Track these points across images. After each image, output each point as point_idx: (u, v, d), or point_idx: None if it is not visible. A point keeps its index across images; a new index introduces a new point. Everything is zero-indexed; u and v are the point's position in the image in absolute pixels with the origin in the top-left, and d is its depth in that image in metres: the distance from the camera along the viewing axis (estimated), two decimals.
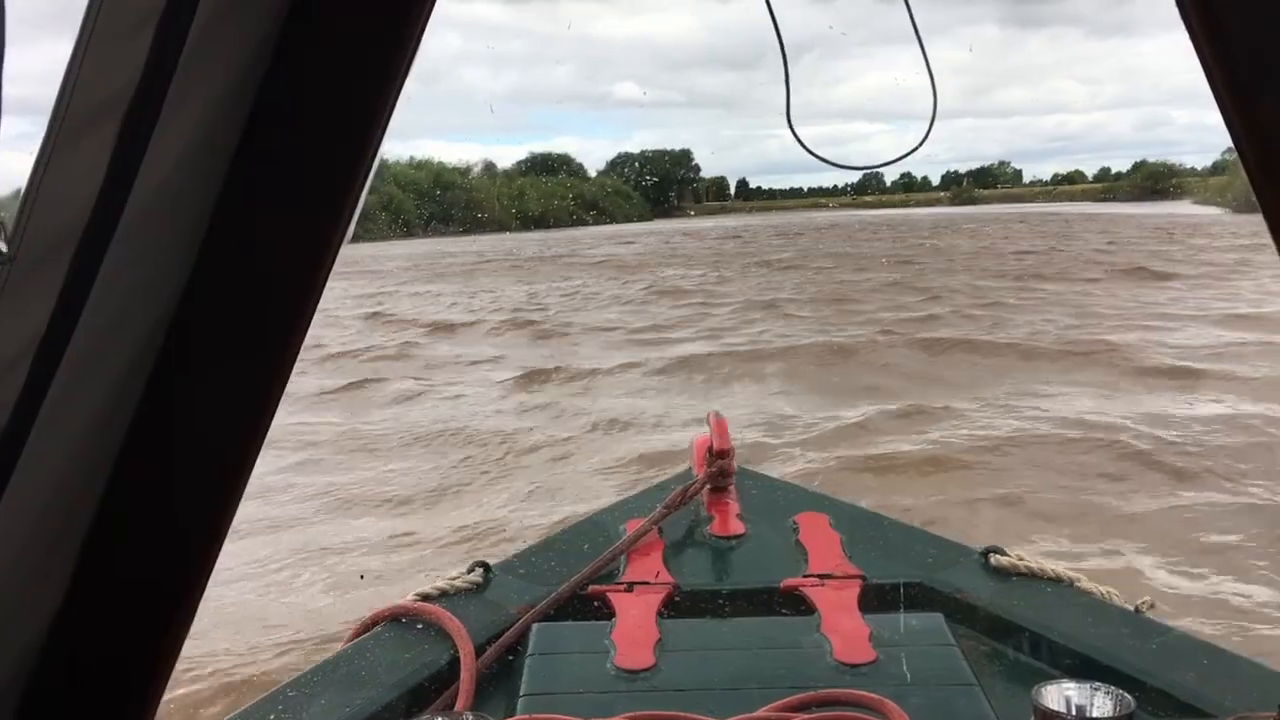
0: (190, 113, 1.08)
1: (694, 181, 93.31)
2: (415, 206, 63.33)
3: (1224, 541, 6.70)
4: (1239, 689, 2.09)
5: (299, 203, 1.20)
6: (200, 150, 1.12)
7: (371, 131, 1.20)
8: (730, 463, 3.13)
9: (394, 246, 51.55)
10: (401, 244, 53.30)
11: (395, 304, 25.59)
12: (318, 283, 1.22)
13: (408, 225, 60.11)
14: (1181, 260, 27.53)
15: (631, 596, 2.66)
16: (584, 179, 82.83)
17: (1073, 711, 1.43)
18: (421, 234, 61.06)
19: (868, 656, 2.30)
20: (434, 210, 65.04)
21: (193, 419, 1.23)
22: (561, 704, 2.13)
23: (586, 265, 37.06)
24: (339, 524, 8.01)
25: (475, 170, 76.86)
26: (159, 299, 1.18)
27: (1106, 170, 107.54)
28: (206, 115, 1.11)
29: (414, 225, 61.15)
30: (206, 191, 1.16)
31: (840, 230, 55.90)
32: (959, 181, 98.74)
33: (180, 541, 1.26)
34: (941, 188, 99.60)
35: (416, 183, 64.86)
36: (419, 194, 64.12)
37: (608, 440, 10.42)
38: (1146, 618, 2.47)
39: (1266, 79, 1.17)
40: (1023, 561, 2.71)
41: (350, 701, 2.24)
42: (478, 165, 79.39)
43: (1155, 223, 48.71)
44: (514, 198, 70.87)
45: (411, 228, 60.45)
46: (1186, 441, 8.96)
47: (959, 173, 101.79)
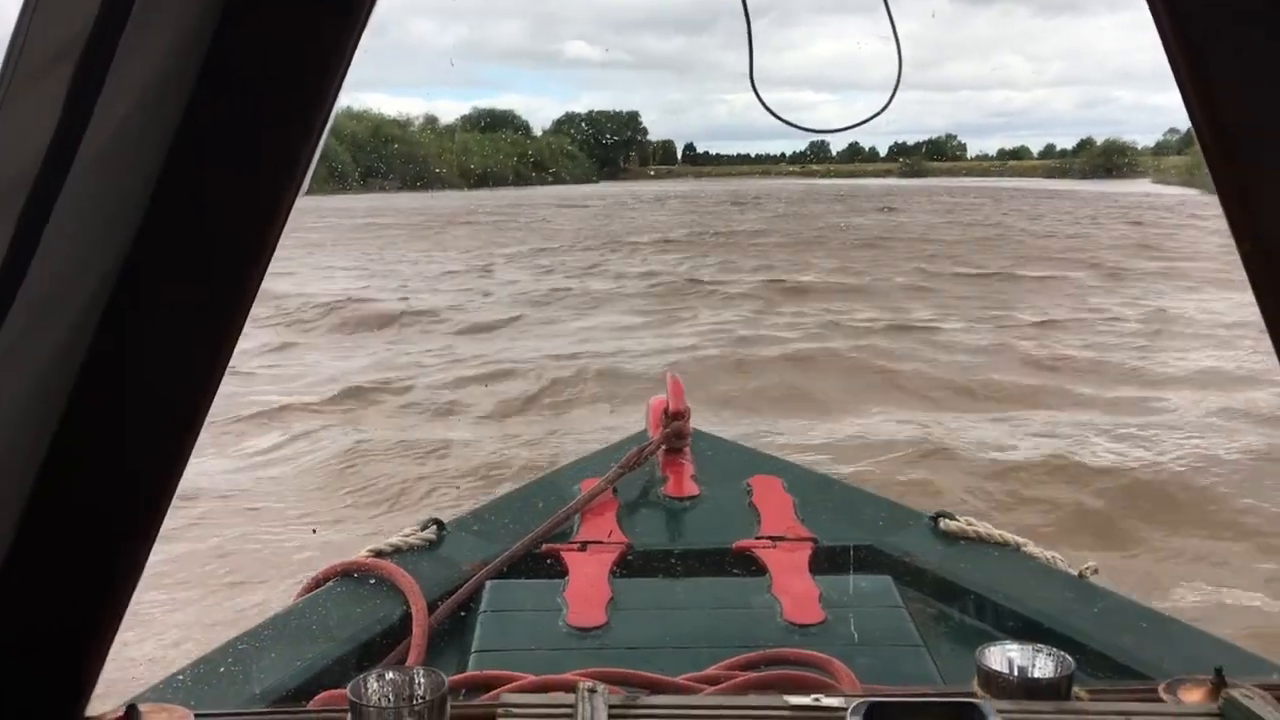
0: (144, 60, 1.06)
1: (642, 144, 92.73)
2: (352, 159, 61.46)
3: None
4: (1177, 652, 2.15)
5: (253, 152, 1.19)
6: (154, 98, 1.10)
7: (327, 83, 1.18)
8: (686, 424, 3.15)
9: (327, 200, 48.61)
10: (337, 199, 49.56)
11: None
12: (272, 232, 1.21)
13: (343, 178, 58.32)
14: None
15: (585, 555, 2.67)
16: (530, 137, 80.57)
17: (1015, 672, 1.46)
18: (359, 188, 59.49)
19: (817, 617, 2.34)
20: (372, 164, 63.21)
21: (144, 364, 1.22)
22: (512, 660, 2.13)
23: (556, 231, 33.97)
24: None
25: (417, 124, 75.15)
26: (112, 245, 1.16)
27: (1052, 147, 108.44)
28: (161, 63, 1.09)
29: (350, 179, 59.30)
30: (160, 139, 1.14)
31: (824, 203, 49.83)
32: (907, 153, 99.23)
33: (133, 480, 1.26)
34: (889, 159, 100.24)
35: (354, 134, 62.88)
36: (356, 146, 61.87)
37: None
38: (1090, 582, 2.54)
39: (1225, 57, 1.20)
40: (971, 526, 2.77)
41: (301, 655, 2.23)
42: (419, 118, 77.48)
43: (1130, 201, 46.28)
44: (457, 154, 68.39)
45: (347, 181, 58.54)
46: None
47: (906, 144, 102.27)
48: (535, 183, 71.82)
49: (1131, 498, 6.74)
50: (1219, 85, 1.20)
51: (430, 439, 8.32)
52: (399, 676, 1.40)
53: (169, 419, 1.25)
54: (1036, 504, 6.66)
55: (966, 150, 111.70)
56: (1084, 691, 1.47)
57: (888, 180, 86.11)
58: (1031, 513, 6.42)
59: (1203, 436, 8.07)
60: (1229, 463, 7.33)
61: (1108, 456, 7.57)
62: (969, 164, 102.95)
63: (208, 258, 1.21)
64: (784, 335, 13.22)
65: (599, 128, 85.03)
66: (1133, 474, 7.14)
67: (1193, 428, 8.44)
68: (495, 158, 70.55)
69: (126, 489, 1.27)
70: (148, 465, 1.26)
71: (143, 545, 1.29)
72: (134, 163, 1.13)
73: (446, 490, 6.90)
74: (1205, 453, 7.58)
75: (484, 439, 8.42)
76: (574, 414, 9.42)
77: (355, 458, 7.78)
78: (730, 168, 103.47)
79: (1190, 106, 1.22)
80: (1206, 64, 1.19)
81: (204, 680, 2.11)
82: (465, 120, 79.47)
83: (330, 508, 6.76)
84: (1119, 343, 12.43)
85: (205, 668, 2.18)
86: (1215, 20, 1.17)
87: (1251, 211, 1.24)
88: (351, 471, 7.47)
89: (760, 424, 8.58)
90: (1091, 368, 11.01)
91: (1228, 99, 1.20)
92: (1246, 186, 1.23)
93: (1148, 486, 6.93)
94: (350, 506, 6.75)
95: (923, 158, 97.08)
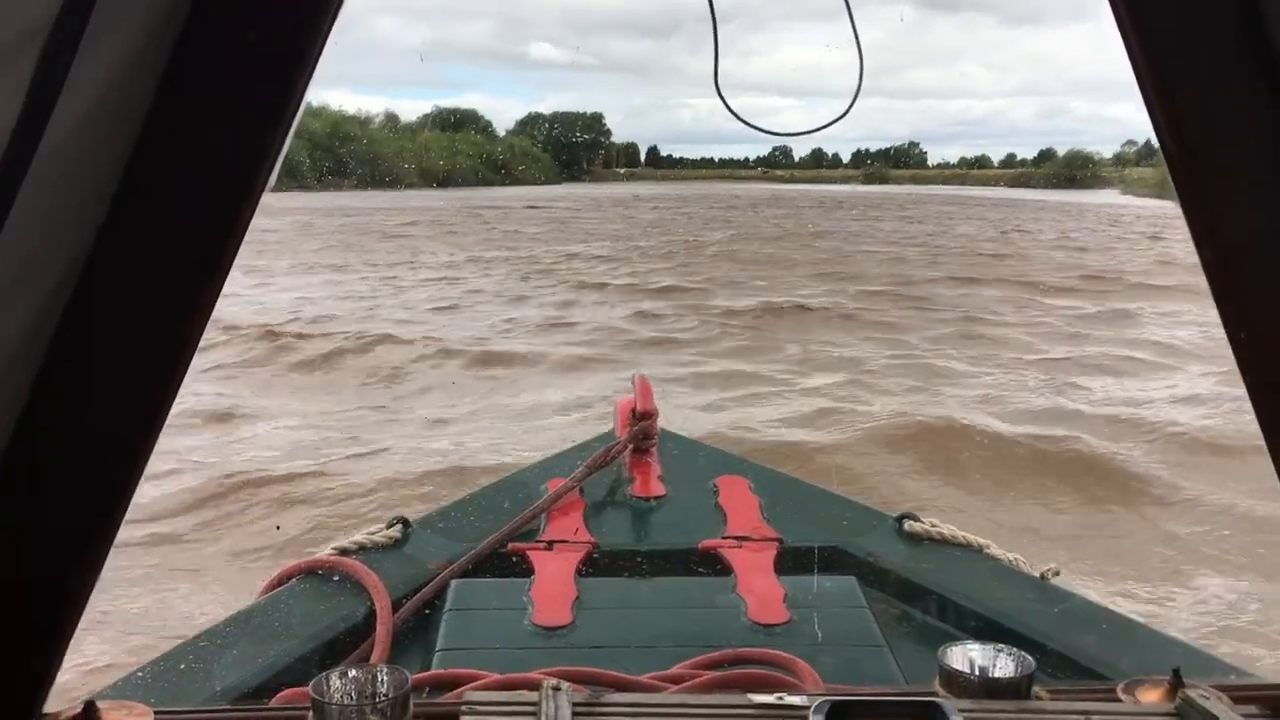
0: (111, 45, 1.05)
1: (605, 146, 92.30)
2: (310, 157, 59.97)
3: None
4: (1135, 653, 2.17)
5: (221, 143, 1.18)
6: (120, 86, 1.09)
7: (297, 75, 1.17)
8: (653, 425, 3.15)
9: (290, 199, 45.12)
10: (295, 196, 47.64)
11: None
12: (239, 223, 1.20)
13: (301, 177, 56.61)
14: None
15: (551, 555, 2.66)
16: (492, 137, 79.31)
17: (976, 672, 1.47)
18: (316, 187, 58.11)
19: (781, 617, 2.35)
20: (330, 162, 61.52)
21: (108, 357, 1.22)
22: (477, 659, 2.12)
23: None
24: None
25: (377, 121, 73.90)
26: (76, 236, 1.15)
27: (1013, 156, 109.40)
28: (127, 51, 1.08)
29: (307, 177, 57.33)
30: (126, 128, 1.13)
31: (817, 210, 50.03)
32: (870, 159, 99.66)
33: (93, 479, 1.26)
34: (852, 165, 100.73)
35: (312, 131, 61.48)
36: (314, 144, 60.05)
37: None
38: (1051, 584, 2.56)
39: (1188, 69, 1.22)
40: (935, 528, 2.79)
41: (263, 653, 2.21)
42: (379, 116, 75.59)
43: (1112, 214, 45.06)
44: (417, 153, 66.94)
45: (305, 180, 56.04)
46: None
47: (869, 151, 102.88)
48: (498, 184, 70.28)
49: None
50: (1182, 97, 1.22)
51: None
52: (362, 674, 1.40)
53: (131, 415, 1.24)
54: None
55: (927, 158, 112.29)
56: (1044, 691, 1.48)
57: (851, 187, 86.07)
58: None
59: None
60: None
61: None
62: (932, 172, 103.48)
63: (174, 250, 1.20)
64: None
65: (563, 129, 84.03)
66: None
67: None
68: (457, 158, 68.80)
69: (86, 487, 1.25)
70: (107, 463, 1.25)
71: (101, 545, 1.28)
72: (100, 149, 1.12)
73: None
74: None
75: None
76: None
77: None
78: (695, 171, 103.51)
79: (1154, 117, 1.24)
80: (1170, 75, 1.22)
81: (164, 678, 2.09)
82: (427, 119, 77.42)
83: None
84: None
85: (165, 665, 2.15)
86: (1179, 33, 1.20)
87: (1213, 221, 1.27)
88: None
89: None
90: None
91: (1190, 111, 1.22)
92: (1208, 196, 1.26)
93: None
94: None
95: (886, 165, 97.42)
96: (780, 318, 15.73)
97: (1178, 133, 1.24)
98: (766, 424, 9.03)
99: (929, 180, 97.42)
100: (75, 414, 1.23)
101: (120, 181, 1.15)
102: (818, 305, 16.79)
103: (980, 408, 9.55)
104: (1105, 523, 6.84)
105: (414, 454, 8.07)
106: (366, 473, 7.51)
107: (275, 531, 6.39)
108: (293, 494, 7.05)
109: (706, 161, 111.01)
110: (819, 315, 15.97)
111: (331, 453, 8.10)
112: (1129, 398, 10.19)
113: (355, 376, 11.62)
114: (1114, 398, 10.17)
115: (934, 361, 12.12)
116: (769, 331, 14.65)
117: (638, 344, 13.83)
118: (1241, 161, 1.25)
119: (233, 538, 6.43)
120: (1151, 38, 1.20)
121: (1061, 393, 10.36)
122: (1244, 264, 1.28)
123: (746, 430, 8.61)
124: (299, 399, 10.45)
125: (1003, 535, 4.26)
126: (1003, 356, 12.50)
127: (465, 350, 12.82)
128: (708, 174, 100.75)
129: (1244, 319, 1.31)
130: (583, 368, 12.01)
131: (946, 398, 10.09)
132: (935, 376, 11.24)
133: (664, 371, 11.13)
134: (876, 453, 8.03)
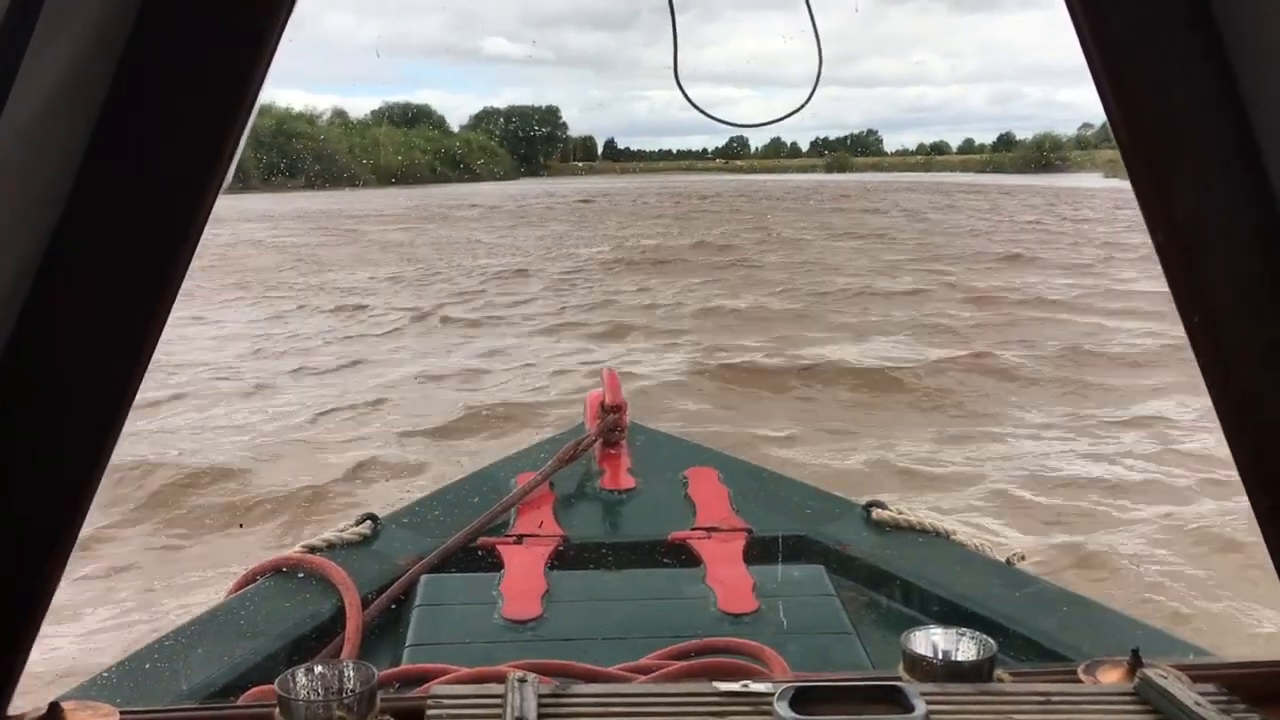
0: (64, 40, 1.04)
1: (562, 140, 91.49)
2: (254, 154, 57.38)
3: None
4: (1096, 635, 2.21)
5: (178, 134, 1.17)
6: (74, 80, 1.08)
7: (253, 66, 1.17)
8: (623, 417, 3.16)
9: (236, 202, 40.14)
10: (242, 199, 43.54)
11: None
12: (199, 215, 1.20)
13: (246, 176, 54.14)
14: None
15: (520, 548, 2.67)
16: (447, 133, 75.95)
17: (939, 656, 1.48)
18: (262, 187, 55.40)
19: (750, 606, 2.36)
20: (275, 160, 57.79)
21: (66, 356, 1.22)
22: (447, 654, 2.13)
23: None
24: None
25: (325, 117, 71.73)
26: (31, 230, 1.14)
27: (971, 141, 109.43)
28: (81, 45, 1.07)
29: (253, 177, 52.84)
30: (81, 122, 1.12)
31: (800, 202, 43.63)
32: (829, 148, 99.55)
33: (54, 477, 1.25)
34: (812, 154, 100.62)
35: (258, 129, 58.98)
36: (258, 141, 57.31)
37: None
38: (1016, 569, 2.60)
39: (1140, 55, 1.24)
40: (902, 515, 2.82)
41: (230, 652, 2.20)
42: (327, 112, 72.89)
43: (1119, 199, 35.79)
44: (367, 149, 63.57)
45: (249, 179, 51.32)
46: None
47: (828, 139, 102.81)
48: (454, 180, 67.27)
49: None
50: (1133, 81, 1.24)
51: None
52: (328, 670, 1.39)
53: (91, 413, 1.24)
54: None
55: (884, 145, 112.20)
56: (1006, 674, 1.50)
57: (816, 176, 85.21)
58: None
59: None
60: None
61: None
62: (894, 159, 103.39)
63: (133, 243, 1.19)
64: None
65: (519, 122, 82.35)
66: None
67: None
68: (410, 154, 65.96)
69: (48, 485, 1.25)
70: (70, 458, 1.24)
71: (65, 541, 1.27)
72: (55, 147, 1.11)
73: None
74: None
75: None
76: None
77: None
78: (653, 163, 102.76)
79: (1106, 102, 1.26)
80: (1122, 60, 1.23)
81: (130, 678, 2.08)
82: (377, 115, 73.89)
83: None
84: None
85: (132, 665, 2.15)
86: (1130, 18, 1.21)
87: (1165, 204, 1.29)
88: None
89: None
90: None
91: (1141, 94, 1.24)
92: (1161, 180, 1.28)
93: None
94: None
95: (847, 153, 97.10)
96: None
97: (1129, 116, 1.25)
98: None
99: (891, 167, 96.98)
100: (36, 410, 1.22)
101: (76, 176, 1.15)
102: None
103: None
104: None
105: None
106: None
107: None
108: None
109: (664, 154, 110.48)
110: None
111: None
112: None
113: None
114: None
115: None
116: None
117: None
118: (1192, 144, 1.27)
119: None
120: (1102, 22, 1.22)
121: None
122: (1197, 247, 1.30)
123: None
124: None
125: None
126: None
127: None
128: (666, 166, 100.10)
129: (1197, 301, 1.33)
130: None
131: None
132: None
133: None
134: None
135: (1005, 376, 10.21)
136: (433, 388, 10.43)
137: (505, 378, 10.84)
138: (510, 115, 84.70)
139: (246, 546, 5.77)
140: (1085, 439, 8.17)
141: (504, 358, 12.01)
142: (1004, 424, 8.68)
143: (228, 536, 6.28)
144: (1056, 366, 10.62)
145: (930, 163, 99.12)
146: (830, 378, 10.19)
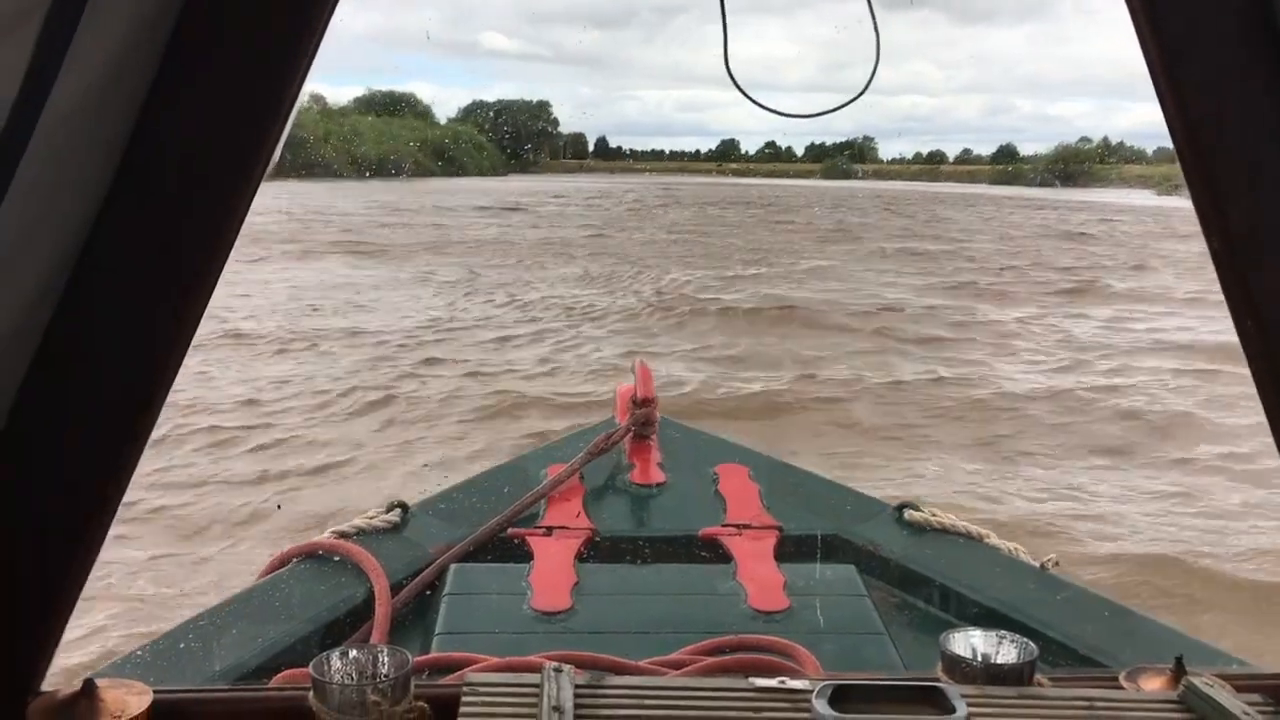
0: (112, 21, 1.03)
1: (552, 136, 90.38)
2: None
3: None
4: (1136, 642, 2.18)
5: (223, 121, 1.17)
6: (121, 63, 1.08)
7: (296, 63, 1.17)
8: (653, 411, 3.15)
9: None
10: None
11: None
12: (241, 202, 1.20)
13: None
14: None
15: (550, 540, 2.66)
16: (433, 124, 71.14)
17: (978, 658, 1.46)
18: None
19: (781, 604, 2.34)
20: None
21: (105, 341, 1.21)
22: (476, 643, 2.12)
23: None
24: None
25: (302, 103, 70.37)
26: (72, 220, 1.14)
27: (969, 151, 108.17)
28: (128, 27, 1.06)
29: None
30: (127, 106, 1.12)
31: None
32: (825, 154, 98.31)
33: (90, 459, 1.25)
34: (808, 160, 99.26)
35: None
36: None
37: None
38: (1052, 574, 2.56)
39: (1198, 57, 1.23)
40: (935, 517, 2.79)
41: (262, 634, 2.21)
42: (304, 98, 72.35)
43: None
44: (346, 138, 58.14)
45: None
46: None
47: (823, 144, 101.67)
48: (439, 174, 62.19)
49: None
50: (1191, 88, 1.22)
51: None
52: (362, 654, 1.39)
53: (132, 392, 1.24)
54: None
55: (878, 153, 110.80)
56: (1046, 679, 1.48)
57: (815, 182, 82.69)
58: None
59: None
60: None
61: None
62: (895, 167, 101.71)
63: (174, 228, 1.19)
64: None
65: (508, 116, 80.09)
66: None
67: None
68: (392, 144, 61.36)
69: (84, 466, 1.25)
70: (107, 441, 1.24)
71: (100, 522, 1.28)
72: (100, 130, 1.11)
73: None
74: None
75: None
76: None
77: None
78: (644, 163, 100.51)
79: (1165, 107, 1.25)
80: (1181, 68, 1.22)
81: (164, 657, 2.09)
82: (358, 102, 67.97)
83: None
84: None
85: (165, 645, 2.15)
86: (1189, 21, 1.20)
87: (1221, 210, 1.27)
88: None
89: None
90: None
91: (1199, 101, 1.23)
92: (1217, 186, 1.26)
93: None
94: None
95: (848, 159, 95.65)
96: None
97: (1186, 123, 1.24)
98: None
99: (892, 175, 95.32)
100: (74, 392, 1.22)
101: (120, 158, 1.15)
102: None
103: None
104: None
105: None
106: None
107: None
108: None
109: (657, 154, 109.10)
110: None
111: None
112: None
113: None
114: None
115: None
116: None
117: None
118: (1249, 152, 1.25)
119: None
120: (1162, 27, 1.21)
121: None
122: (1251, 253, 1.29)
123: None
124: None
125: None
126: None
127: None
128: (659, 166, 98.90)
129: (1251, 308, 1.31)
130: None
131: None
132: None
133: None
134: None
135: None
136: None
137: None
138: (499, 109, 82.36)
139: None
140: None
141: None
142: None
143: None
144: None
145: (936, 172, 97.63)
146: None
